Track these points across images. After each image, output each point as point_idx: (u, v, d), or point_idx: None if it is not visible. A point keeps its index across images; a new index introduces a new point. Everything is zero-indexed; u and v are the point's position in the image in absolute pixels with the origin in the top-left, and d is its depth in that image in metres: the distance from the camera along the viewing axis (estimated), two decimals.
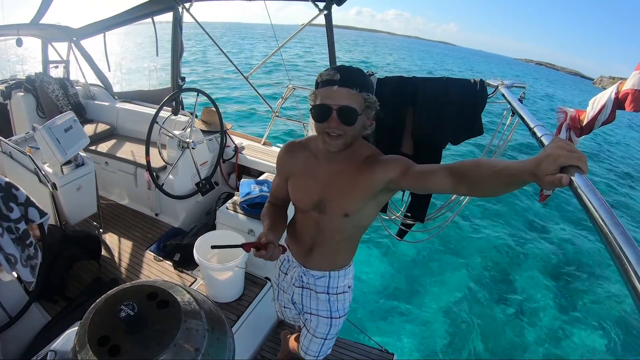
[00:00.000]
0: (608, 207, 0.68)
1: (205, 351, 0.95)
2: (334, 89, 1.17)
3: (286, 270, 1.69)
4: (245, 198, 2.72)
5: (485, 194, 1.04)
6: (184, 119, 3.50)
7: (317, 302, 1.62)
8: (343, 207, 1.33)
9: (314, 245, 1.50)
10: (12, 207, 1.75)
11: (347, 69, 1.20)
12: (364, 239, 5.33)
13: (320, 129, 1.23)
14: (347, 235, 1.45)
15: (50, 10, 3.72)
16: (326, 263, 1.54)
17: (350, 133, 1.22)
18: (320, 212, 1.39)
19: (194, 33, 4.20)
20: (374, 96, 1.23)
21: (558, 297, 5.19)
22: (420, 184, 1.16)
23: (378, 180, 1.25)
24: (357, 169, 1.30)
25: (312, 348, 1.72)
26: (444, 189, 1.11)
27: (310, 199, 1.40)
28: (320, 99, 1.20)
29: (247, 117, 10.60)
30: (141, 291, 1.03)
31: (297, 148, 1.45)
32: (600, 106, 2.06)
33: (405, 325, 4.23)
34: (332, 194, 1.34)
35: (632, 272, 0.57)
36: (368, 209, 1.35)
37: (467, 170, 1.03)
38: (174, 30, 3.54)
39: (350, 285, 1.64)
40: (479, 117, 2.31)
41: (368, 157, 1.31)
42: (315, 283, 1.59)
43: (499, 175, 0.92)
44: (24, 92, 3.78)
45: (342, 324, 1.70)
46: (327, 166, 1.36)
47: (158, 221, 3.39)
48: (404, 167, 1.21)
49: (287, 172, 1.48)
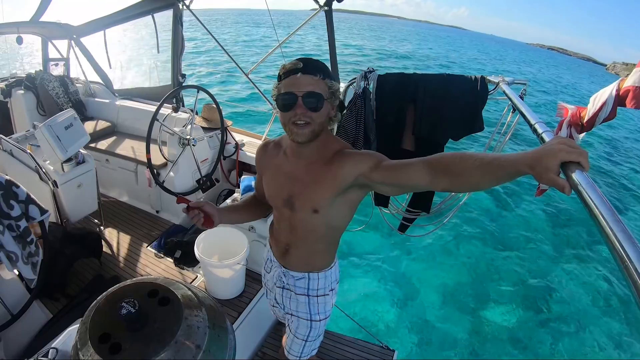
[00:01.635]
0: (609, 204, 0.68)
1: (207, 348, 0.95)
2: (297, 77, 1.17)
3: (269, 270, 1.68)
4: (246, 195, 2.72)
5: (469, 187, 1.01)
6: (185, 116, 3.50)
7: (297, 304, 1.61)
8: (311, 201, 1.31)
9: (289, 245, 1.50)
10: (13, 205, 1.76)
11: (308, 58, 1.21)
12: (364, 235, 5.37)
13: (287, 119, 1.22)
14: (320, 236, 1.43)
15: (50, 8, 3.72)
16: (303, 264, 1.53)
17: (317, 120, 1.21)
18: (291, 209, 1.38)
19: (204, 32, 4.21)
20: (336, 84, 1.24)
21: (560, 297, 5.19)
22: (393, 178, 1.13)
23: (347, 175, 1.22)
24: (326, 163, 1.28)
25: (294, 348, 1.72)
26: (420, 183, 1.07)
27: (281, 195, 1.40)
28: (285, 88, 1.20)
29: (247, 114, 10.58)
30: (142, 288, 1.03)
31: (271, 146, 1.47)
32: (601, 103, 2.05)
33: (406, 322, 4.24)
34: (300, 189, 1.33)
35: (633, 270, 0.57)
36: (338, 206, 1.32)
37: (450, 162, 1.00)
38: (174, 28, 3.54)
39: (333, 289, 1.62)
40: (480, 113, 2.31)
41: (337, 151, 1.29)
42: (295, 284, 1.57)
43: (487, 167, 0.90)
44: (25, 90, 3.78)
45: (324, 326, 1.69)
46: (295, 162, 1.35)
47: (159, 218, 3.39)
48: (375, 160, 1.18)
49: (262, 171, 1.51)
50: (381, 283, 4.81)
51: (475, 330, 4.31)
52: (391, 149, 2.40)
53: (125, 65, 6.05)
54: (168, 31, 3.75)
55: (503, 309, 4.72)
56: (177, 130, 3.05)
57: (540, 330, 4.50)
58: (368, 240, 5.51)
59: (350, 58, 25.86)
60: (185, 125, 3.19)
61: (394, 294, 4.65)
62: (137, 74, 7.15)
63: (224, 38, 29.41)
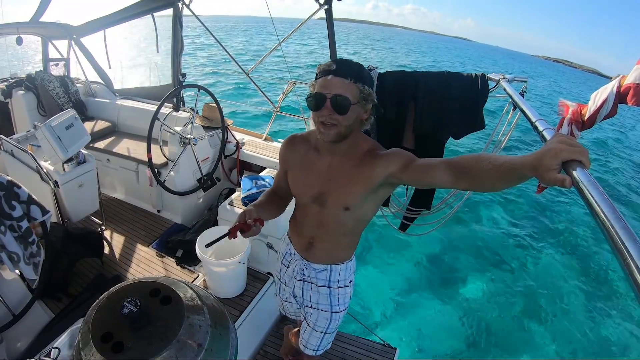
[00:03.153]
0: (610, 201, 0.68)
1: (209, 347, 0.95)
2: (328, 79, 1.20)
3: (288, 264, 1.70)
4: (247, 193, 2.73)
5: (485, 189, 1.05)
6: (185, 115, 3.50)
7: (318, 296, 1.63)
8: (343, 200, 1.34)
9: (315, 239, 1.51)
10: (14, 206, 1.76)
11: (343, 60, 1.24)
12: (366, 235, 5.36)
13: (316, 118, 1.25)
14: (348, 230, 1.46)
15: (50, 8, 3.72)
16: (327, 257, 1.55)
17: (344, 123, 1.23)
18: (320, 205, 1.40)
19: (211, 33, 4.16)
20: (370, 88, 1.24)
21: (561, 296, 5.19)
22: (420, 178, 1.18)
23: (379, 174, 1.26)
24: (358, 162, 1.31)
25: (311, 342, 1.73)
26: (444, 183, 1.12)
27: (310, 192, 1.41)
28: (317, 89, 1.23)
29: (247, 113, 10.58)
30: (144, 288, 1.03)
31: (298, 141, 1.48)
32: (602, 100, 2.04)
33: (408, 320, 4.24)
34: (332, 187, 1.35)
35: (634, 267, 0.57)
36: (368, 203, 1.36)
37: (467, 165, 1.04)
38: (174, 27, 3.53)
39: (352, 280, 1.65)
40: (481, 111, 2.30)
41: (369, 150, 1.32)
42: (316, 276, 1.59)
43: (499, 169, 0.92)
44: (25, 90, 3.78)
45: (342, 318, 1.71)
46: (327, 159, 1.38)
47: (160, 218, 3.39)
48: (405, 160, 1.22)
49: (287, 165, 1.51)
50: (383, 281, 4.81)
51: (477, 328, 4.31)
52: (391, 146, 2.38)
53: (126, 65, 6.04)
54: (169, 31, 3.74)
55: (506, 307, 4.72)
56: (178, 130, 3.05)
57: (542, 329, 4.50)
58: (369, 239, 5.52)
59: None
60: (186, 124, 3.19)
61: (396, 292, 4.66)
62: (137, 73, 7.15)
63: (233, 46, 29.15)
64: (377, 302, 4.43)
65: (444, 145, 2.45)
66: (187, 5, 3.33)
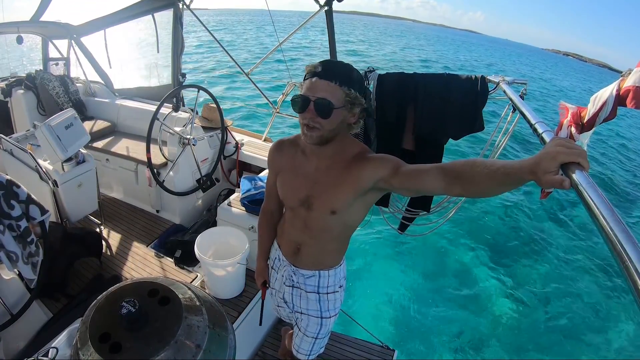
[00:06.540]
0: (609, 204, 0.68)
1: (207, 348, 0.95)
2: (313, 81, 1.18)
3: (277, 269, 1.69)
4: (246, 194, 2.72)
5: (480, 194, 1.02)
6: (185, 115, 3.50)
7: (307, 302, 1.62)
8: (330, 204, 1.32)
9: (302, 244, 1.50)
10: (13, 205, 1.76)
11: (331, 62, 1.22)
12: (365, 235, 5.37)
13: (300, 121, 1.24)
14: (335, 235, 1.44)
15: (50, 7, 3.72)
16: (314, 262, 1.53)
17: (327, 127, 1.21)
18: (307, 208, 1.38)
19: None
20: (357, 92, 1.21)
21: (563, 296, 5.19)
22: (411, 184, 1.15)
23: (367, 178, 1.23)
24: (346, 165, 1.29)
25: (303, 347, 1.73)
26: (436, 189, 1.09)
27: (298, 196, 1.40)
28: (303, 90, 1.21)
29: (247, 114, 10.58)
30: (142, 288, 1.03)
31: (286, 145, 1.47)
32: (602, 103, 2.04)
33: (406, 322, 4.24)
34: (319, 191, 1.34)
35: (634, 270, 0.57)
36: (356, 207, 1.33)
37: (462, 170, 1.02)
38: (174, 27, 3.53)
39: (342, 285, 1.63)
40: (480, 113, 2.30)
41: (357, 154, 1.30)
42: (305, 282, 1.58)
43: (495, 174, 0.91)
44: (25, 89, 3.77)
45: (333, 323, 1.70)
46: (314, 162, 1.36)
47: (159, 218, 3.39)
48: (394, 165, 1.19)
49: (276, 170, 1.50)
50: (381, 282, 4.81)
51: (476, 329, 4.32)
52: (391, 148, 2.40)
53: (126, 64, 6.03)
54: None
55: (505, 308, 4.72)
56: (178, 130, 3.05)
57: (541, 330, 4.50)
58: (368, 240, 5.52)
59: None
60: (186, 124, 3.19)
61: (394, 293, 4.66)
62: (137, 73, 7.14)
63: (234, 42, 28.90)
64: (375, 304, 4.43)
65: (444, 146, 2.46)
66: (187, 6, 3.33)
